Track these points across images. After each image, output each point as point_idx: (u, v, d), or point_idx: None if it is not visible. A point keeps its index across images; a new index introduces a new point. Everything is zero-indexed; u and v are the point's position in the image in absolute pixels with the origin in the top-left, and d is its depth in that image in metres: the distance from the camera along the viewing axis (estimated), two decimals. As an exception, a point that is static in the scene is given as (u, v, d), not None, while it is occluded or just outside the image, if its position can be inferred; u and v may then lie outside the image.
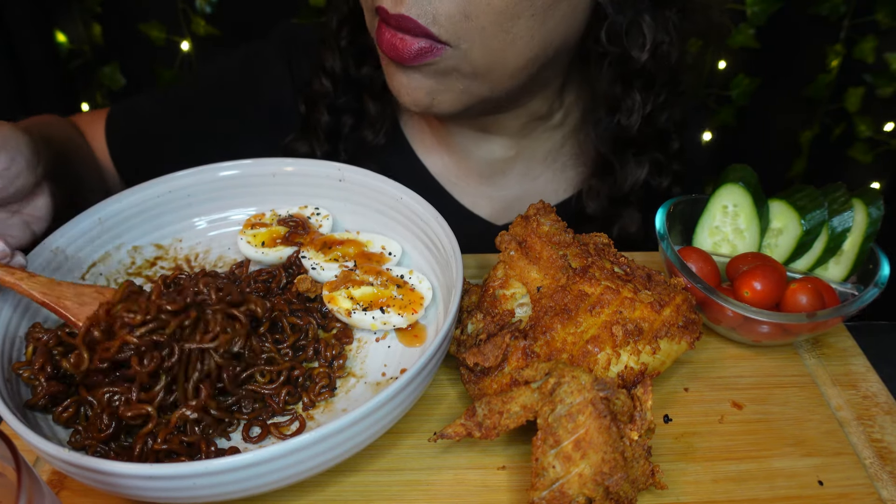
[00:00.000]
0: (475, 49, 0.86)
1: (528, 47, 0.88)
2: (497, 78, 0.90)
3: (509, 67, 0.89)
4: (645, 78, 1.00)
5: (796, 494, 0.67)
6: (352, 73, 1.10)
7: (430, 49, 0.86)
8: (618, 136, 1.04)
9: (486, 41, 0.85)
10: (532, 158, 1.14)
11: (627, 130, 1.03)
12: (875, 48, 2.10)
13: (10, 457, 0.43)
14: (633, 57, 0.96)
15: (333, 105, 1.11)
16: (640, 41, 0.95)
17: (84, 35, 2.08)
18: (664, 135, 1.09)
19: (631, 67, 0.97)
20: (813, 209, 0.83)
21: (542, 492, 0.60)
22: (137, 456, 0.64)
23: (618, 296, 0.70)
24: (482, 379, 0.72)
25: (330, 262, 0.84)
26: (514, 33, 0.85)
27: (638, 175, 1.07)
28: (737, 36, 2.12)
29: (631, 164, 1.07)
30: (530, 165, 1.15)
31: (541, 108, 1.06)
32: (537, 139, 1.12)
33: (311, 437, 0.57)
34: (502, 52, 0.87)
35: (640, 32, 0.95)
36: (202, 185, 0.90)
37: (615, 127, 1.03)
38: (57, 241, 0.80)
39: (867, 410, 0.76)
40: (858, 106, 2.19)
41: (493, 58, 0.87)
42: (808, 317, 0.76)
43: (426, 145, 1.16)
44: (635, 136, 1.04)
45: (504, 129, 1.08)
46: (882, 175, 2.28)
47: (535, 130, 1.11)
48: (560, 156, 1.15)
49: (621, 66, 0.98)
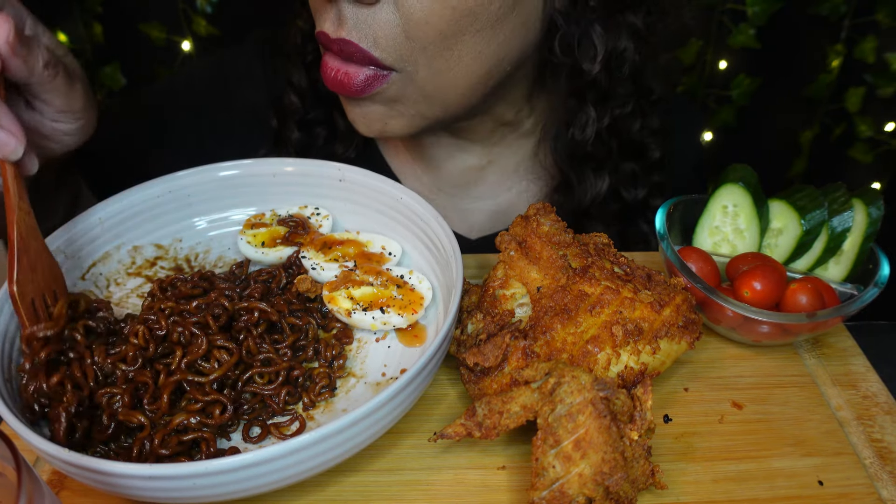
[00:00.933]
0: (420, 70, 0.85)
1: (476, 64, 0.86)
2: (448, 99, 0.89)
3: (459, 87, 0.88)
4: (598, 90, 0.97)
5: (796, 494, 0.67)
6: (320, 87, 1.07)
7: (375, 77, 0.85)
8: (573, 152, 1.02)
9: (430, 62, 0.84)
10: (505, 168, 1.12)
11: (582, 146, 1.01)
12: (875, 48, 2.10)
13: (10, 457, 0.43)
14: (584, 69, 0.93)
15: (304, 120, 1.10)
16: (590, 53, 0.93)
17: (85, 35, 2.08)
18: (638, 145, 1.06)
19: (583, 80, 0.95)
20: (813, 209, 0.83)
21: (542, 492, 0.60)
22: (137, 456, 0.64)
23: (618, 296, 0.70)
24: (482, 379, 0.72)
25: (330, 262, 0.84)
26: (458, 51, 0.83)
27: (598, 189, 1.05)
28: (737, 36, 2.12)
29: (590, 179, 1.04)
30: (503, 176, 1.13)
31: (507, 115, 1.04)
32: (509, 146, 1.10)
33: (311, 437, 0.57)
34: (449, 72, 0.85)
35: (591, 44, 0.92)
36: (202, 185, 0.90)
37: (569, 140, 1.01)
38: (57, 240, 0.80)
39: (867, 410, 0.76)
40: (859, 106, 2.19)
41: (441, 79, 0.86)
42: (808, 317, 0.76)
43: (401, 160, 1.14)
44: (591, 150, 1.01)
45: (475, 135, 1.07)
46: (882, 175, 2.28)
47: (507, 137, 1.09)
48: (534, 166, 1.13)
49: (574, 78, 0.96)
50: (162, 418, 0.67)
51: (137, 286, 0.84)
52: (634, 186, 1.08)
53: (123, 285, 0.84)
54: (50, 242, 0.79)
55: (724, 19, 2.12)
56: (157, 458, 0.64)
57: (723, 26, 2.13)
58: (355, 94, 0.87)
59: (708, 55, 2.18)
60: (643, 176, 1.09)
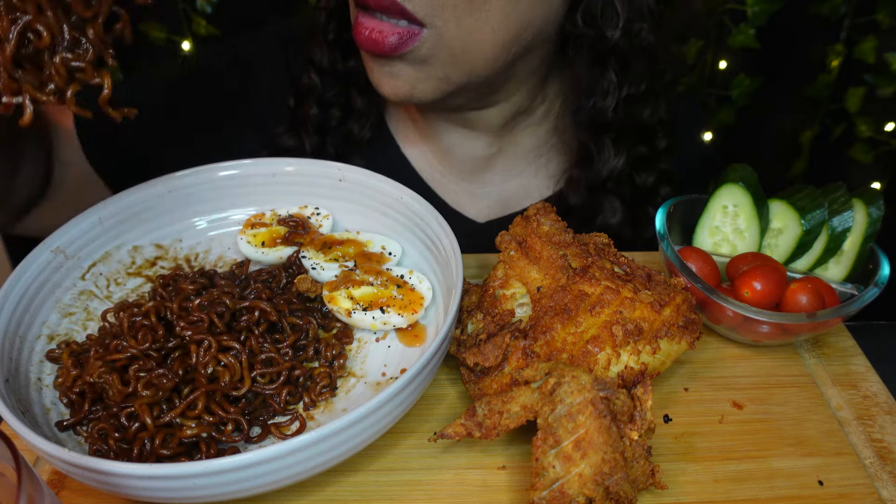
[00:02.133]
0: (450, 27, 0.87)
1: (503, 27, 0.88)
2: (475, 61, 0.91)
3: (487, 50, 0.90)
4: (618, 56, 1.00)
5: (796, 494, 0.67)
6: (339, 66, 1.11)
7: (408, 35, 0.87)
8: (594, 120, 1.05)
9: (459, 19, 0.86)
10: (514, 155, 1.15)
11: (603, 113, 1.03)
12: (875, 48, 2.10)
13: (11, 457, 0.43)
14: (607, 36, 0.97)
15: (322, 99, 1.12)
16: (613, 20, 0.96)
17: (84, 35, 2.08)
18: (648, 129, 1.09)
19: (605, 46, 0.98)
20: (813, 209, 0.83)
21: (542, 492, 0.60)
22: (137, 456, 0.64)
23: (618, 296, 0.70)
24: (482, 379, 0.72)
25: (330, 262, 0.84)
26: (486, 10, 0.86)
27: (616, 162, 1.07)
28: (737, 36, 2.12)
29: (608, 149, 1.07)
30: (513, 163, 1.15)
31: (524, 102, 1.07)
32: (520, 134, 1.13)
33: (311, 437, 0.57)
34: (478, 32, 0.88)
35: (614, 11, 0.96)
36: (202, 185, 0.90)
37: (591, 110, 1.04)
38: (57, 240, 0.80)
39: (867, 410, 0.76)
40: (859, 106, 2.19)
41: (469, 38, 0.88)
42: (809, 317, 0.76)
43: (410, 140, 1.16)
44: (611, 119, 1.04)
45: (487, 125, 1.09)
46: (882, 175, 2.28)
47: (518, 126, 1.11)
48: (543, 152, 1.16)
49: (596, 46, 0.99)
50: (171, 422, 0.67)
51: (137, 286, 0.84)
52: (645, 170, 1.11)
53: (123, 285, 0.84)
54: (50, 242, 0.79)
55: (724, 19, 2.12)
56: (157, 458, 0.64)
57: (723, 26, 2.13)
58: (388, 51, 0.88)
59: (708, 55, 2.18)
60: (653, 162, 1.11)
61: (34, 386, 0.71)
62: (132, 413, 0.66)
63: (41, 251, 0.78)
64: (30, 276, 0.76)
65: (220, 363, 0.70)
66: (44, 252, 0.78)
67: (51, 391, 0.72)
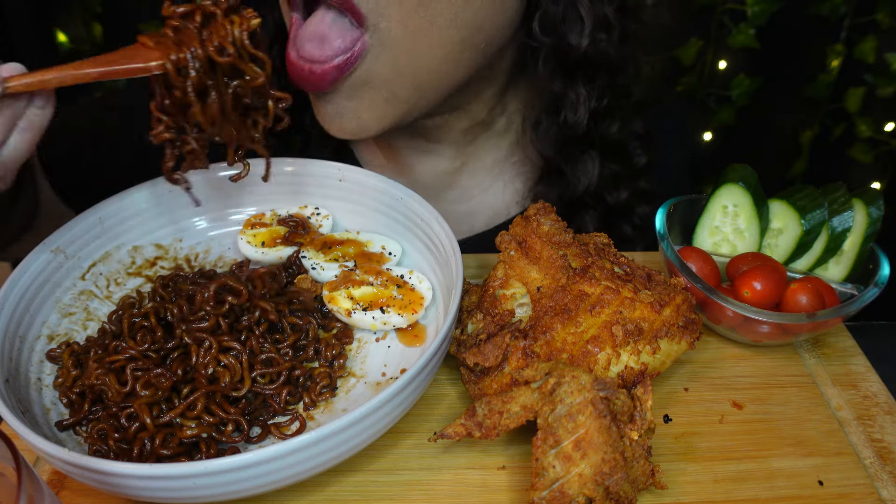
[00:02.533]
0: (395, 29, 0.81)
1: (452, 29, 0.82)
2: (421, 73, 0.85)
3: (434, 56, 0.84)
4: (586, 68, 0.95)
5: (796, 494, 0.67)
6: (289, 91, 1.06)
7: (345, 59, 0.81)
8: (566, 136, 0.99)
9: (405, 18, 0.80)
10: (478, 170, 1.10)
11: (575, 128, 0.98)
12: (875, 48, 2.10)
13: (10, 457, 0.43)
14: (573, 44, 0.91)
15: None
16: (577, 27, 0.91)
17: (84, 35, 2.08)
18: (618, 146, 1.04)
19: (571, 57, 0.93)
20: (813, 209, 0.83)
21: (542, 492, 0.60)
22: (137, 456, 0.64)
23: (618, 296, 0.70)
24: (482, 379, 0.72)
25: (330, 262, 0.84)
26: (433, 10, 0.80)
27: (592, 173, 1.02)
28: (737, 36, 2.12)
29: (582, 162, 1.02)
30: (477, 178, 1.11)
31: (480, 113, 1.02)
32: (482, 147, 1.08)
33: (310, 437, 0.57)
34: (425, 35, 0.81)
35: (578, 17, 0.90)
36: (202, 185, 0.90)
37: (561, 125, 0.98)
38: (57, 240, 0.80)
39: (867, 410, 0.76)
40: (859, 106, 2.19)
41: (416, 42, 0.82)
42: (809, 317, 0.76)
43: (375, 165, 1.12)
44: (583, 134, 0.99)
45: (446, 138, 1.05)
46: (882, 175, 2.28)
47: (479, 138, 1.07)
48: (507, 166, 1.11)
49: (560, 57, 0.93)
50: (171, 422, 0.67)
51: (137, 286, 0.84)
52: (616, 188, 1.06)
53: (123, 285, 0.84)
54: (50, 242, 0.79)
55: (724, 19, 2.12)
56: (157, 458, 0.64)
57: (723, 26, 2.13)
58: (326, 83, 0.83)
59: (708, 55, 2.18)
60: (626, 180, 1.06)
61: (34, 386, 0.71)
62: (132, 413, 0.66)
63: (41, 251, 0.78)
64: (30, 276, 0.76)
65: (221, 363, 0.70)
66: (44, 252, 0.78)
67: (51, 391, 0.72)
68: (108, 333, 0.76)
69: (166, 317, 0.73)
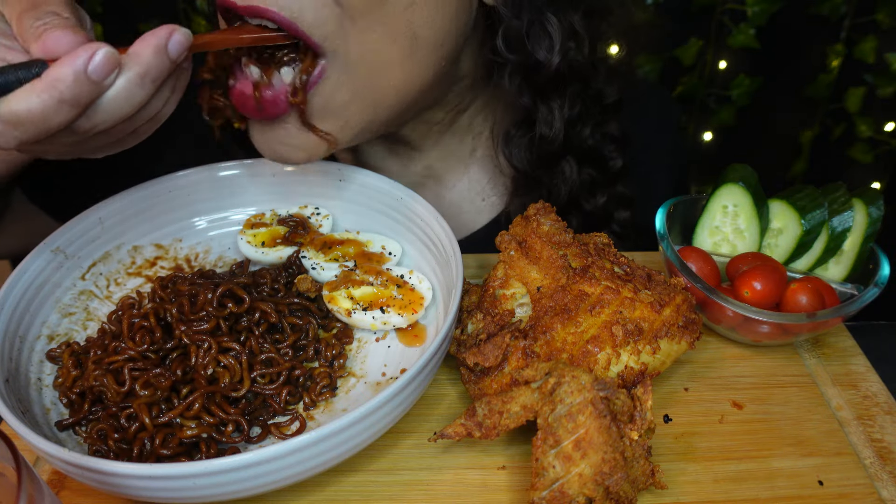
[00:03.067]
0: (352, 48, 0.75)
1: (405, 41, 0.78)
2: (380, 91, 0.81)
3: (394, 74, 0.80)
4: (557, 82, 0.91)
5: (796, 494, 0.67)
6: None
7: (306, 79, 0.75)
8: (542, 150, 0.97)
9: (361, 35, 0.75)
10: (445, 169, 1.07)
11: (553, 142, 0.95)
12: (875, 48, 2.10)
13: (10, 457, 0.43)
14: (542, 61, 0.88)
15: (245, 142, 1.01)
16: (545, 43, 0.87)
17: (84, 35, 2.08)
18: (592, 151, 1.01)
19: (542, 74, 0.89)
20: (813, 209, 0.83)
21: (542, 492, 0.60)
22: (137, 456, 0.64)
23: (618, 296, 0.70)
24: (482, 379, 0.72)
25: (330, 262, 0.84)
26: (383, 22, 0.75)
27: (572, 179, 1.00)
28: (737, 36, 2.12)
29: (560, 170, 0.99)
30: (445, 177, 1.08)
31: (436, 116, 0.99)
32: (445, 146, 1.05)
33: (310, 437, 0.57)
34: (382, 51, 0.77)
35: (545, 33, 0.87)
36: (202, 185, 0.90)
37: (538, 141, 0.95)
38: (57, 240, 0.80)
39: (867, 410, 0.76)
40: (859, 106, 2.20)
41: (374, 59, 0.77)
42: (809, 317, 0.76)
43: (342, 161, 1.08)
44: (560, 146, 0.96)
45: (409, 141, 1.02)
46: (882, 175, 2.28)
47: (443, 137, 1.04)
48: (474, 161, 1.08)
49: (527, 73, 0.90)
50: (171, 422, 0.67)
51: (137, 286, 0.84)
52: (593, 195, 1.03)
53: (123, 285, 0.84)
54: (50, 242, 0.79)
55: (724, 19, 2.13)
56: (157, 458, 0.64)
57: (723, 26, 2.14)
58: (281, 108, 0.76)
59: (708, 55, 2.18)
60: (603, 185, 1.04)
61: (34, 386, 0.71)
62: (131, 414, 0.66)
63: (41, 251, 0.78)
64: (30, 276, 0.76)
65: (220, 364, 0.70)
66: (44, 252, 0.78)
67: (51, 391, 0.72)
68: (107, 334, 0.76)
69: (166, 317, 0.73)
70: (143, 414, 0.65)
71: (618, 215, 1.06)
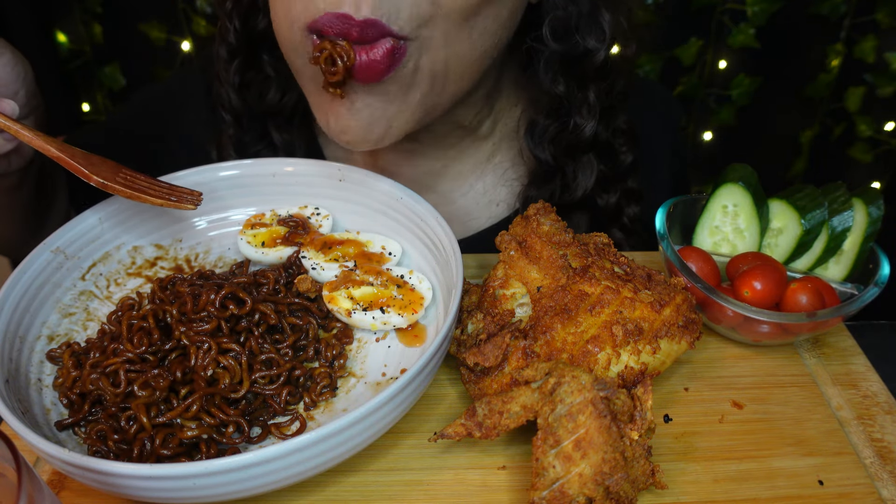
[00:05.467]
0: (437, 39, 0.75)
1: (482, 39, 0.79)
2: (453, 82, 0.81)
3: (467, 67, 0.81)
4: (601, 73, 0.93)
5: (797, 494, 0.67)
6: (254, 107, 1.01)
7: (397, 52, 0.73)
8: (572, 141, 0.97)
9: (449, 32, 0.75)
10: (460, 172, 1.07)
11: (585, 132, 0.95)
12: (875, 48, 2.10)
13: (11, 457, 0.43)
14: (591, 49, 0.90)
15: (241, 141, 1.04)
16: (597, 35, 0.89)
17: (84, 35, 2.08)
18: (605, 145, 1.02)
19: (587, 64, 0.91)
20: (813, 209, 0.83)
21: (542, 492, 0.60)
22: (137, 456, 0.64)
23: (618, 296, 0.70)
24: (482, 379, 0.72)
25: (330, 262, 0.84)
26: (475, 23, 0.76)
27: (591, 177, 1.01)
28: (737, 35, 2.12)
29: (582, 166, 1.00)
30: (458, 180, 1.07)
31: (466, 117, 0.99)
32: (464, 150, 1.05)
33: (311, 437, 0.57)
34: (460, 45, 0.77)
35: (597, 25, 0.89)
36: (202, 185, 0.90)
37: (571, 130, 0.96)
38: (57, 241, 0.80)
39: (867, 410, 0.76)
40: (859, 105, 2.20)
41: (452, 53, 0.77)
42: (809, 316, 0.76)
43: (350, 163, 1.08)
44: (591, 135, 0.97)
45: (428, 140, 1.01)
46: (882, 175, 2.28)
47: (463, 141, 1.03)
48: (490, 167, 1.08)
49: (571, 62, 0.91)
50: (171, 423, 0.67)
51: (137, 286, 0.84)
52: (606, 191, 1.04)
53: (123, 285, 0.84)
54: (50, 242, 0.79)
55: (724, 19, 2.13)
56: (157, 459, 0.64)
57: (723, 26, 2.14)
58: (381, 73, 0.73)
59: (708, 55, 2.18)
60: (615, 181, 1.04)
61: (34, 386, 0.71)
62: (131, 415, 0.66)
63: (41, 251, 0.78)
64: (30, 276, 0.76)
65: (220, 365, 0.70)
66: (44, 252, 0.78)
67: (51, 391, 0.72)
68: (107, 335, 0.76)
69: (165, 319, 0.73)
70: (141, 414, 0.65)
71: (628, 210, 1.06)
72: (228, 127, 1.03)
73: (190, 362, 0.69)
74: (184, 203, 0.81)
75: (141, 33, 2.08)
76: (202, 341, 0.70)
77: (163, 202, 0.79)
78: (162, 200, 0.79)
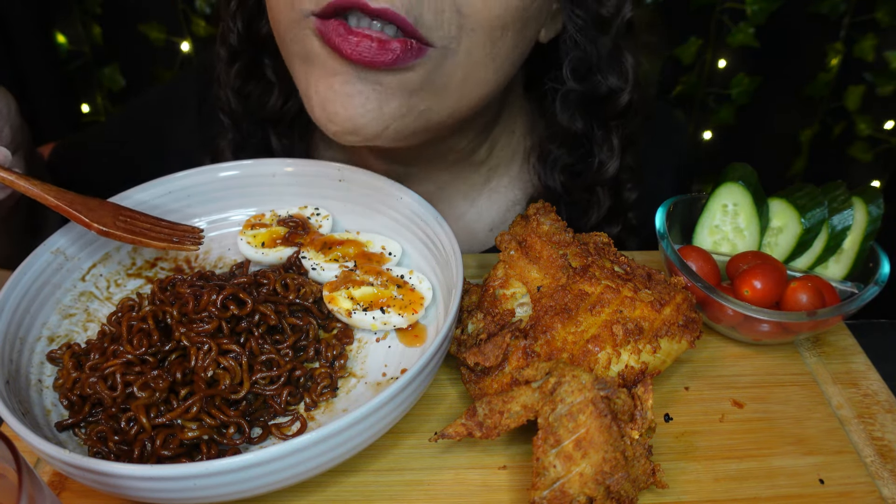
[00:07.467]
0: (461, 51, 0.73)
1: (503, 60, 0.78)
2: (463, 99, 0.79)
3: (481, 84, 0.78)
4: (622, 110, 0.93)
5: (797, 493, 0.67)
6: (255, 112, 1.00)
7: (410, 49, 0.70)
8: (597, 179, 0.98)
9: (473, 47, 0.73)
10: (453, 196, 1.06)
11: (606, 173, 0.96)
12: (875, 46, 2.11)
13: (11, 458, 0.43)
14: (613, 90, 0.90)
15: (239, 146, 1.03)
16: (622, 76, 0.90)
17: (84, 36, 2.09)
18: (613, 181, 1.02)
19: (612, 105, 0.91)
20: (813, 208, 0.83)
21: (542, 491, 0.60)
22: (138, 457, 0.64)
23: (618, 295, 0.70)
24: (482, 379, 0.72)
25: (330, 262, 0.84)
26: (498, 43, 0.75)
27: (600, 212, 1.02)
28: (736, 35, 2.13)
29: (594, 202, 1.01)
30: (452, 203, 1.06)
31: (460, 144, 0.97)
32: (457, 175, 1.03)
33: (311, 437, 0.57)
34: (482, 60, 0.75)
35: (621, 66, 0.89)
36: (202, 185, 0.90)
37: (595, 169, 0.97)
38: (57, 241, 0.80)
39: (868, 409, 0.76)
40: (858, 104, 2.20)
41: (471, 67, 0.75)
42: (809, 315, 0.76)
43: None
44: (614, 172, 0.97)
45: (422, 164, 0.99)
46: (882, 173, 2.28)
47: (456, 166, 1.02)
48: (486, 192, 1.07)
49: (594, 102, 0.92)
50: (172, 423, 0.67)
51: (138, 287, 0.84)
52: (609, 223, 1.05)
53: (124, 286, 0.84)
54: (50, 243, 0.79)
55: (723, 18, 2.13)
56: (157, 459, 0.64)
57: (722, 25, 2.14)
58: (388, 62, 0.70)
59: (707, 54, 2.18)
60: (617, 217, 1.05)
61: (35, 387, 0.71)
62: (132, 417, 0.66)
63: (41, 252, 0.78)
64: (30, 277, 0.76)
65: (220, 366, 0.70)
66: (44, 253, 0.78)
67: (51, 392, 0.72)
68: (107, 336, 0.76)
69: (165, 320, 0.73)
70: (141, 415, 0.65)
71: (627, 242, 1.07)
72: (227, 131, 1.02)
73: (190, 363, 0.69)
74: (185, 244, 0.81)
75: (140, 34, 2.08)
76: (202, 342, 0.70)
77: (165, 245, 0.79)
78: (164, 244, 0.79)
